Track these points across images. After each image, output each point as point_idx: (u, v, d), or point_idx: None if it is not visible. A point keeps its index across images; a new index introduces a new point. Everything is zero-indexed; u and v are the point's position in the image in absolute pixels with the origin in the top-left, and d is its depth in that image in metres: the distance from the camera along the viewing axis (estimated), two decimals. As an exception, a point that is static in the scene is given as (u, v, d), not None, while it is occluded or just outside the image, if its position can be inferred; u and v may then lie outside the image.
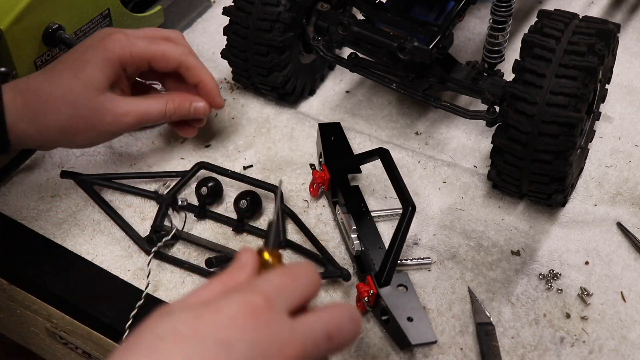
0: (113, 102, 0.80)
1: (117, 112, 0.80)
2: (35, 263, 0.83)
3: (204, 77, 0.85)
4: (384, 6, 0.93)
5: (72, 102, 0.78)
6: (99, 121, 0.80)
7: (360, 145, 0.94)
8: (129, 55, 0.81)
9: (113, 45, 0.80)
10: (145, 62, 0.83)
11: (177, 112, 0.84)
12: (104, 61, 0.79)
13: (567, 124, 0.77)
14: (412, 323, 0.73)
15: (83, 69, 0.79)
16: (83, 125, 0.79)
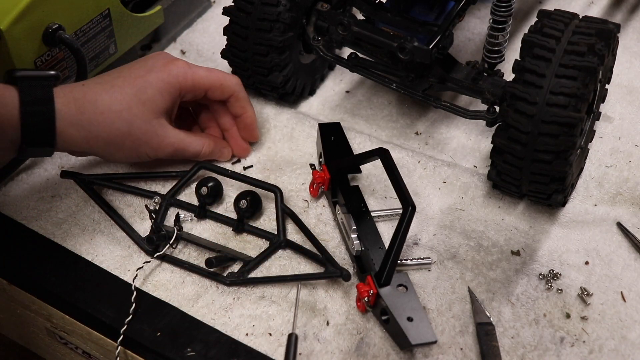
0: (163, 129, 0.83)
1: (163, 141, 0.83)
2: (35, 263, 0.83)
3: (249, 110, 0.90)
4: (384, 6, 0.93)
5: (128, 120, 0.80)
6: (145, 143, 0.82)
7: (360, 145, 0.94)
8: (191, 82, 0.84)
9: (177, 72, 0.83)
10: (203, 91, 0.86)
11: (210, 155, 0.89)
12: (167, 86, 0.82)
13: (567, 124, 0.77)
14: (412, 323, 0.73)
15: (145, 90, 0.81)
16: (130, 144, 0.82)
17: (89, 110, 0.78)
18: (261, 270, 0.81)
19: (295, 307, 0.77)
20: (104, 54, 0.96)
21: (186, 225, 0.85)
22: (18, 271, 0.83)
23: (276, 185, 0.86)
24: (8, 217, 0.87)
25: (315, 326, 0.77)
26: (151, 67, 0.83)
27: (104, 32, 0.94)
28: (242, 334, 0.76)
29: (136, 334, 0.76)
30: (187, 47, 1.09)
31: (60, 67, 0.90)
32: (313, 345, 0.75)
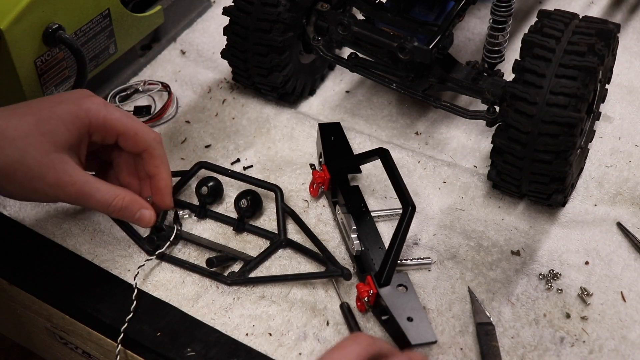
0: (64, 165, 0.72)
1: (62, 178, 0.72)
2: (35, 263, 0.83)
3: (163, 172, 0.79)
4: (384, 6, 0.93)
5: (21, 148, 0.71)
6: (40, 178, 0.72)
7: (360, 145, 0.94)
8: (102, 120, 0.75)
9: (89, 107, 0.75)
10: (114, 135, 0.77)
11: (121, 212, 0.76)
12: (74, 119, 0.74)
13: (567, 124, 0.77)
14: (412, 323, 0.73)
15: (48, 120, 0.73)
16: (21, 176, 0.71)
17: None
18: (261, 270, 0.81)
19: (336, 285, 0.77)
20: (104, 54, 0.96)
21: (186, 225, 0.85)
22: (18, 271, 0.83)
23: (277, 184, 0.86)
24: (8, 217, 0.87)
25: (315, 326, 0.77)
26: (64, 99, 0.75)
27: (104, 32, 0.94)
28: (242, 334, 0.76)
29: (136, 333, 0.76)
30: (187, 47, 1.09)
31: (60, 67, 0.90)
32: (313, 345, 0.75)
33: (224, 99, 1.01)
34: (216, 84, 1.03)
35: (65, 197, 0.74)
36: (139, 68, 1.05)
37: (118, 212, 0.76)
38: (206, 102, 1.01)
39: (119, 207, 0.76)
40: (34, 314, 0.85)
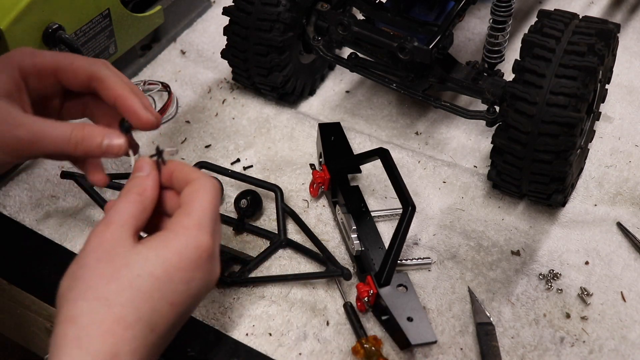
0: (6, 110, 0.64)
1: (7, 120, 0.64)
2: (35, 263, 0.83)
3: (120, 91, 0.66)
4: (384, 6, 0.93)
5: None
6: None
7: (360, 145, 0.94)
8: (31, 63, 0.67)
9: (14, 53, 0.68)
10: (51, 74, 0.68)
11: (84, 143, 0.64)
12: (2, 68, 0.66)
13: (567, 124, 0.77)
14: (412, 323, 0.73)
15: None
16: None
17: None
18: (261, 270, 0.81)
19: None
20: (104, 54, 0.96)
21: None
22: (18, 271, 0.83)
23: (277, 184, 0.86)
24: (8, 217, 0.87)
25: (315, 326, 0.77)
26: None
27: (104, 32, 0.94)
28: (242, 334, 0.76)
29: (136, 334, 0.76)
30: (187, 47, 1.09)
31: (60, 67, 0.90)
32: (313, 345, 0.75)
33: (224, 99, 1.01)
34: (216, 84, 1.03)
35: (17, 143, 0.64)
36: (139, 68, 1.05)
37: (81, 144, 0.64)
38: (206, 102, 1.01)
39: (80, 137, 0.64)
40: (34, 314, 0.85)
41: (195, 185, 0.61)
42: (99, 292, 0.56)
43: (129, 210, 0.60)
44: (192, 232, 0.59)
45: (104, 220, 0.60)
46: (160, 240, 0.59)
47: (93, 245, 0.59)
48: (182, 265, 0.58)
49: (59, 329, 0.55)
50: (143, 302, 0.56)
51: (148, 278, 0.56)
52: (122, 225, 0.59)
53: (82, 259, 0.59)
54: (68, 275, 0.59)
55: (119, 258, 0.57)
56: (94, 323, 0.54)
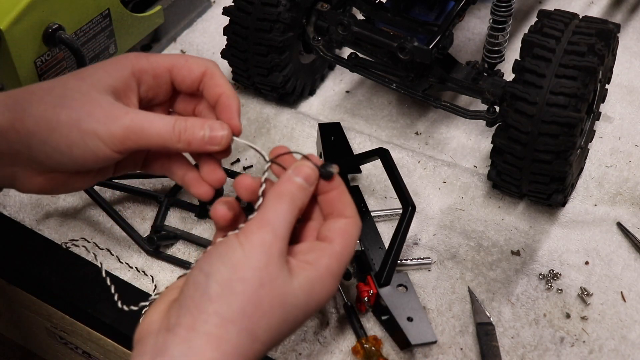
0: (109, 102, 0.62)
1: (112, 111, 0.62)
2: (35, 263, 0.83)
3: (228, 90, 0.66)
4: (384, 6, 0.93)
5: (60, 94, 0.62)
6: (87, 116, 0.61)
7: (360, 145, 0.94)
8: (147, 62, 0.66)
9: (129, 54, 0.67)
10: (165, 72, 0.67)
11: (187, 134, 0.63)
12: (114, 64, 0.65)
13: (567, 124, 0.77)
14: (412, 323, 0.73)
15: (86, 70, 0.65)
16: (65, 118, 0.61)
17: (17, 93, 0.64)
18: (261, 270, 0.81)
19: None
20: (104, 54, 0.96)
21: (186, 225, 0.85)
22: (18, 271, 0.83)
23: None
24: (8, 217, 0.87)
25: (315, 326, 0.77)
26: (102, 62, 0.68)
27: (104, 32, 0.94)
28: (242, 334, 0.76)
29: (136, 334, 0.76)
30: (187, 47, 1.09)
31: (60, 67, 0.90)
32: (313, 345, 0.75)
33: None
34: (216, 84, 1.03)
35: (120, 132, 0.61)
36: (139, 68, 1.05)
37: (184, 133, 0.62)
38: (206, 102, 1.01)
39: (184, 127, 0.62)
40: (34, 314, 0.85)
41: (347, 226, 0.59)
42: (251, 325, 0.52)
43: (291, 222, 0.56)
44: (332, 279, 0.56)
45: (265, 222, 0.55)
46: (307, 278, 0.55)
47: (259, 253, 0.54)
48: (314, 312, 0.56)
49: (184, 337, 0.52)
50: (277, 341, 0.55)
51: (292, 323, 0.55)
52: (286, 239, 0.55)
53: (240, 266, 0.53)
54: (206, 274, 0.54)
55: (277, 291, 0.53)
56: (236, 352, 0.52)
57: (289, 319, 0.54)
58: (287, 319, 0.54)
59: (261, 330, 0.52)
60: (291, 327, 0.55)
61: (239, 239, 0.54)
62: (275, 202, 0.56)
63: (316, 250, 0.57)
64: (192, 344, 0.51)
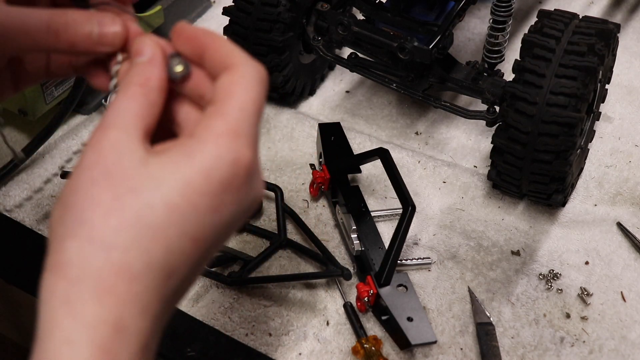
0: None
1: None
2: (35, 263, 0.82)
3: None
4: (384, 6, 0.93)
5: None
6: None
7: (360, 145, 0.94)
8: None
9: None
10: None
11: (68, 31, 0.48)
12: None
13: (567, 124, 0.77)
14: (412, 323, 0.73)
15: None
16: None
17: None
18: (261, 270, 0.81)
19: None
20: (104, 54, 0.96)
21: None
22: (18, 271, 0.83)
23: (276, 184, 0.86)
24: (8, 217, 0.87)
25: (315, 326, 0.77)
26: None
27: (104, 32, 0.94)
28: (242, 334, 0.76)
29: (136, 334, 0.76)
30: (187, 47, 1.09)
31: (60, 67, 0.90)
32: (313, 345, 0.75)
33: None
34: (216, 84, 1.03)
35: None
36: (139, 68, 1.05)
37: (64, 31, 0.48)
38: (206, 102, 1.01)
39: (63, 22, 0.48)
40: (34, 314, 0.85)
41: (235, 75, 0.45)
42: (93, 230, 0.41)
43: (132, 108, 0.44)
44: (226, 141, 0.42)
45: (100, 125, 0.44)
46: (181, 152, 0.42)
47: (89, 159, 0.42)
48: (211, 189, 0.42)
49: (46, 279, 0.43)
50: (154, 242, 0.41)
51: (162, 209, 0.41)
52: (126, 129, 0.43)
53: (74, 180, 0.42)
54: (60, 203, 0.43)
55: (122, 179, 0.41)
56: (87, 277, 0.40)
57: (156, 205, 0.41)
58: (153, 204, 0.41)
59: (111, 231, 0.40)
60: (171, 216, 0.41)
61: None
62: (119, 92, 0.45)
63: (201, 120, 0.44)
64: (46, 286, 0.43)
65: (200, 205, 0.41)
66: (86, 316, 0.39)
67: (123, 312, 0.39)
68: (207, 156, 0.42)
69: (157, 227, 0.41)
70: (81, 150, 0.45)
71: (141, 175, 0.41)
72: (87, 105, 0.99)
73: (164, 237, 0.41)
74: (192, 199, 0.41)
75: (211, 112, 0.44)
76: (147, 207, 0.41)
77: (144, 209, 0.41)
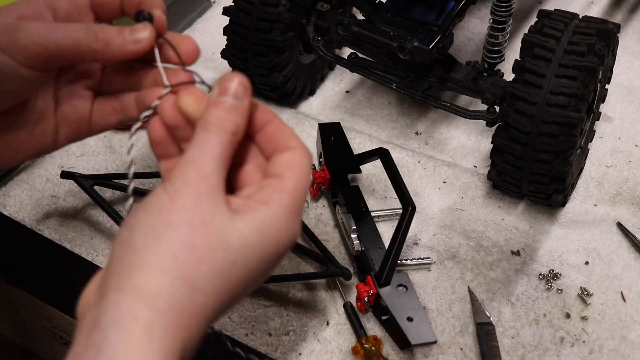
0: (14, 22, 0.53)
1: (10, 24, 0.52)
2: (35, 263, 0.83)
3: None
4: (384, 6, 0.93)
5: None
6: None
7: (360, 145, 0.94)
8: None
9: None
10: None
11: (103, 34, 0.53)
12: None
13: (567, 124, 0.77)
14: (412, 323, 0.73)
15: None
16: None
17: None
18: (261, 270, 0.81)
19: None
20: (104, 54, 0.96)
21: None
22: (18, 271, 0.83)
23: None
24: (8, 217, 0.87)
25: (315, 326, 0.77)
26: None
27: (104, 32, 0.94)
28: (242, 334, 0.76)
29: (136, 334, 0.76)
30: (187, 47, 1.09)
31: (60, 67, 0.90)
32: (313, 345, 0.75)
33: (224, 99, 1.01)
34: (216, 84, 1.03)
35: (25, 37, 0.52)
36: (139, 68, 1.05)
37: (100, 34, 0.53)
38: (206, 102, 1.01)
39: (100, 28, 0.53)
40: (34, 314, 0.85)
41: (295, 156, 0.50)
42: (186, 272, 0.44)
43: (223, 156, 0.48)
44: (294, 219, 0.48)
45: (188, 161, 0.47)
46: (260, 219, 0.47)
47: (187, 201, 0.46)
48: (276, 256, 0.48)
49: (120, 299, 0.43)
50: (227, 292, 0.46)
51: (242, 267, 0.46)
52: (218, 175, 0.47)
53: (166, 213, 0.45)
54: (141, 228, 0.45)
55: (215, 232, 0.45)
56: (172, 311, 0.43)
57: (238, 264, 0.45)
58: (237, 262, 0.45)
59: (202, 277, 0.44)
60: (245, 274, 0.46)
61: (164, 187, 0.47)
62: (199, 133, 0.48)
63: (265, 187, 0.49)
64: (120, 304, 0.43)
65: (265, 267, 0.47)
66: (164, 346, 0.43)
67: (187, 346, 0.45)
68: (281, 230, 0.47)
69: (234, 282, 0.46)
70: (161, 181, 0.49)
71: (232, 233, 0.46)
72: (87, 105, 0.99)
73: (234, 291, 0.46)
74: (262, 264, 0.47)
75: (275, 186, 0.49)
76: (233, 265, 0.45)
77: (231, 266, 0.45)
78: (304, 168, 0.50)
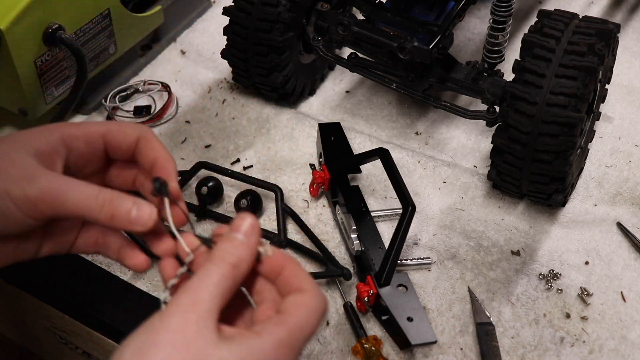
0: (28, 162, 0.57)
1: (26, 171, 0.56)
2: (35, 263, 0.82)
3: (163, 153, 0.61)
4: (384, 6, 0.93)
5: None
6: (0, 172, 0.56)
7: (360, 145, 0.94)
8: (77, 129, 0.61)
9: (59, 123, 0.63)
10: (98, 139, 0.61)
11: (112, 205, 0.57)
12: (43, 130, 0.60)
13: (567, 124, 0.77)
14: (412, 323, 0.73)
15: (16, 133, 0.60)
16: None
17: None
18: (261, 270, 0.81)
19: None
20: (104, 54, 0.96)
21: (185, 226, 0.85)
22: (18, 271, 0.83)
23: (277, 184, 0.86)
24: (8, 217, 0.86)
25: (315, 326, 0.77)
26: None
27: (104, 32, 0.94)
28: (242, 334, 0.76)
29: (136, 334, 0.76)
30: (187, 47, 1.09)
31: (61, 67, 0.90)
32: (313, 345, 0.75)
33: (224, 99, 1.01)
34: (216, 84, 1.03)
35: (35, 192, 0.55)
36: (139, 68, 1.05)
37: (109, 205, 0.57)
38: (206, 102, 1.01)
39: (109, 198, 0.57)
40: (34, 314, 0.85)
41: (305, 296, 0.53)
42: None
43: (221, 286, 0.51)
44: (280, 350, 0.49)
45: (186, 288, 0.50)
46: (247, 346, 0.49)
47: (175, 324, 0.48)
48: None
49: None
50: None
51: None
52: (212, 302, 0.50)
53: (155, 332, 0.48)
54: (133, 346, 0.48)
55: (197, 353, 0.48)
56: None
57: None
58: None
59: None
60: None
61: (161, 311, 0.50)
62: (204, 264, 0.52)
63: (264, 321, 0.51)
64: None
65: None
66: None
67: None
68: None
69: None
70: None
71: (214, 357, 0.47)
72: (87, 105, 0.99)
73: None
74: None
75: (277, 320, 0.51)
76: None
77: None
78: (312, 309, 0.52)
